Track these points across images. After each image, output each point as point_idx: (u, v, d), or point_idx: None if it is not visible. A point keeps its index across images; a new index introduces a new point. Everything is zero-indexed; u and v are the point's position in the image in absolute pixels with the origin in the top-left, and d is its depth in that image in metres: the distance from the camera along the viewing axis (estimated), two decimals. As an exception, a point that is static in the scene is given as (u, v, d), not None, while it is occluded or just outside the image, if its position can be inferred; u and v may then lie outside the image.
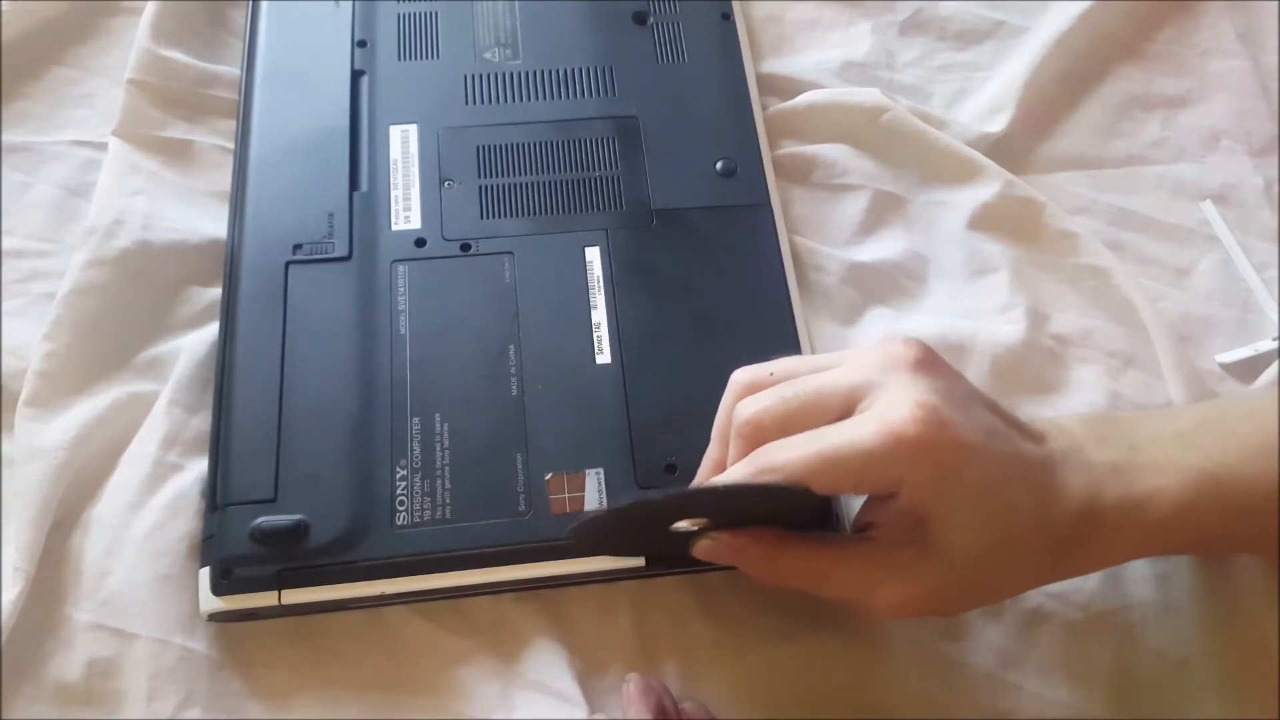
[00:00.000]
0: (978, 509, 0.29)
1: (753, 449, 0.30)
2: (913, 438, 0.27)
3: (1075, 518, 0.30)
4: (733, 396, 0.32)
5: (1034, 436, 0.31)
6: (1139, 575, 0.38)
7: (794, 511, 0.31)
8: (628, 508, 0.31)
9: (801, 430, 0.29)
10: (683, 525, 0.31)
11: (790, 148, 0.47)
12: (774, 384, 0.31)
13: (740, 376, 0.33)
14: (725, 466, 0.32)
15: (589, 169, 0.43)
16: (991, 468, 0.29)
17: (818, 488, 0.28)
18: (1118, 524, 0.30)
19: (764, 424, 0.30)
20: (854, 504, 0.34)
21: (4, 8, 0.47)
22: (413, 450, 0.36)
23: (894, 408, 0.28)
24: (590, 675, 0.35)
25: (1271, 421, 0.31)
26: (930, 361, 0.30)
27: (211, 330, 0.40)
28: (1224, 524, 0.31)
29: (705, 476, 0.33)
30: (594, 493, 0.36)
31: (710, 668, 0.36)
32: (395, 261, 0.40)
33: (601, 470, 0.36)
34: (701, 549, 0.32)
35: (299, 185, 0.42)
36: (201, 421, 0.39)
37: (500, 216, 0.42)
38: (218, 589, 0.34)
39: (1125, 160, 0.48)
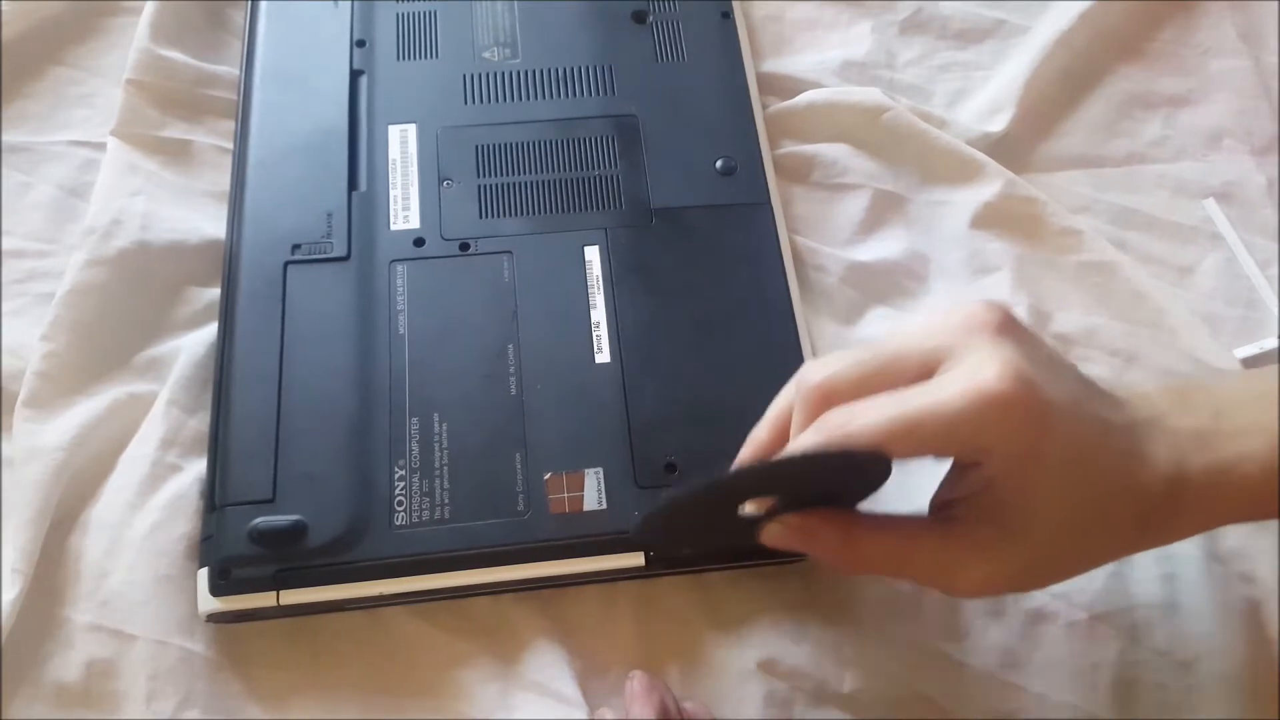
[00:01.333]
0: (1066, 475, 0.28)
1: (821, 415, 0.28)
2: (1003, 399, 0.26)
3: (1163, 486, 0.29)
4: (797, 378, 0.30)
5: (1117, 403, 0.30)
6: (1143, 575, 0.38)
7: (863, 484, 0.29)
8: (696, 491, 0.28)
9: (876, 394, 0.28)
10: (750, 509, 0.30)
11: (790, 147, 0.47)
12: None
13: (812, 361, 0.30)
14: (770, 449, 0.30)
15: (588, 168, 0.43)
16: (1080, 433, 0.28)
17: (897, 453, 0.27)
18: (1205, 491, 0.29)
19: (836, 388, 0.28)
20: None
21: (4, 8, 0.47)
22: (411, 450, 0.36)
23: (982, 368, 0.26)
24: (590, 676, 0.35)
25: None
26: (1013, 325, 0.29)
27: (210, 330, 0.40)
28: None
29: (746, 460, 0.31)
30: (593, 492, 0.36)
31: (710, 668, 0.36)
32: (394, 261, 0.40)
33: (601, 470, 0.36)
34: (770, 534, 0.30)
35: (298, 185, 0.42)
36: (200, 422, 0.38)
37: (499, 216, 0.42)
38: (216, 590, 0.34)
39: (1127, 159, 0.48)
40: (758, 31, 0.50)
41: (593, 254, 0.41)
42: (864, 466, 0.27)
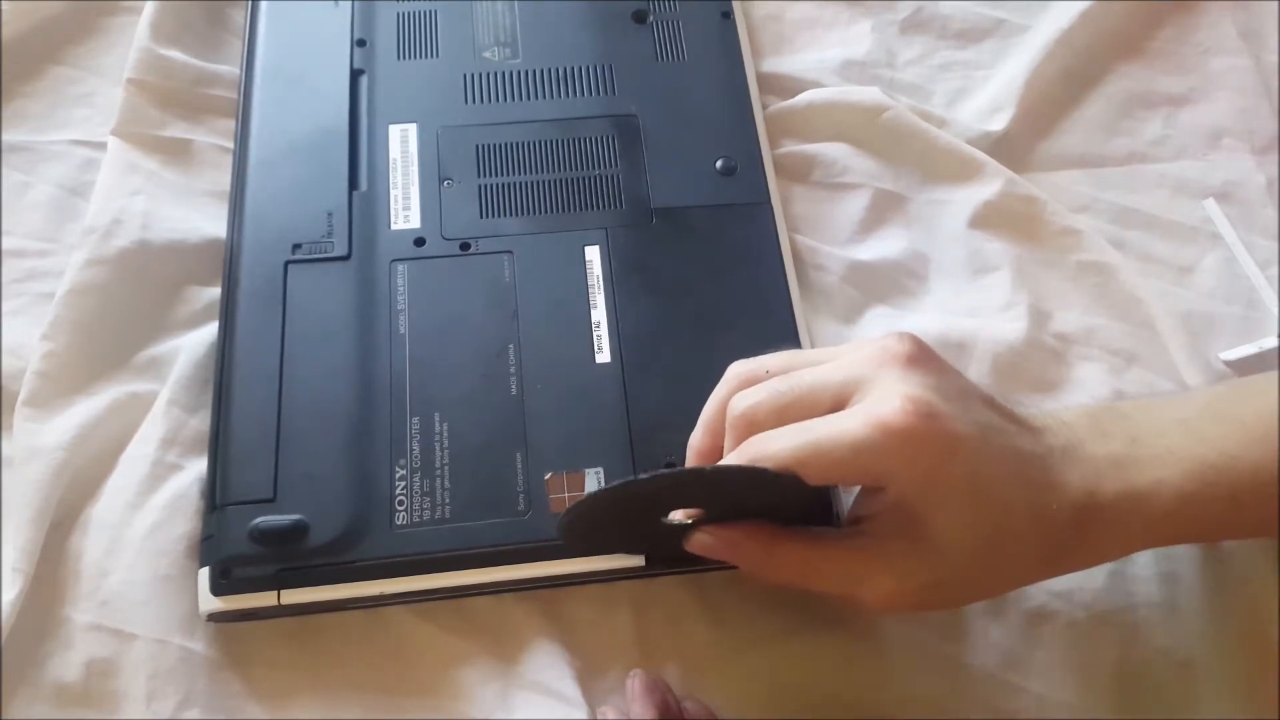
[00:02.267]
0: (968, 504, 0.29)
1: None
2: (900, 430, 0.28)
3: (1073, 512, 0.30)
4: (727, 388, 0.33)
5: (1032, 431, 0.31)
6: (1143, 574, 0.38)
7: (789, 504, 0.31)
8: (614, 490, 0.30)
9: (794, 423, 0.30)
10: (677, 517, 0.31)
11: (790, 146, 0.47)
12: (769, 378, 0.31)
13: (736, 369, 0.33)
14: (709, 455, 0.32)
15: (589, 168, 0.43)
16: (984, 462, 0.29)
17: (807, 478, 0.28)
18: (1118, 517, 0.30)
19: (757, 417, 0.30)
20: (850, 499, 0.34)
21: (4, 7, 0.47)
22: (412, 450, 0.36)
23: (883, 401, 0.28)
24: (590, 676, 0.35)
25: (1273, 408, 0.31)
26: (923, 357, 0.30)
27: (211, 330, 0.40)
28: (1226, 513, 0.31)
29: (690, 465, 0.33)
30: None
31: (710, 668, 0.36)
32: (395, 261, 0.40)
33: (601, 469, 0.36)
34: (696, 543, 0.32)
35: (298, 185, 0.42)
36: (201, 421, 0.38)
37: (500, 216, 0.42)
38: (217, 589, 0.34)
39: (1127, 158, 0.48)
40: (758, 31, 0.50)
41: (593, 254, 0.41)
42: (782, 486, 0.29)
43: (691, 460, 0.33)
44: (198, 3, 0.48)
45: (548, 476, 0.36)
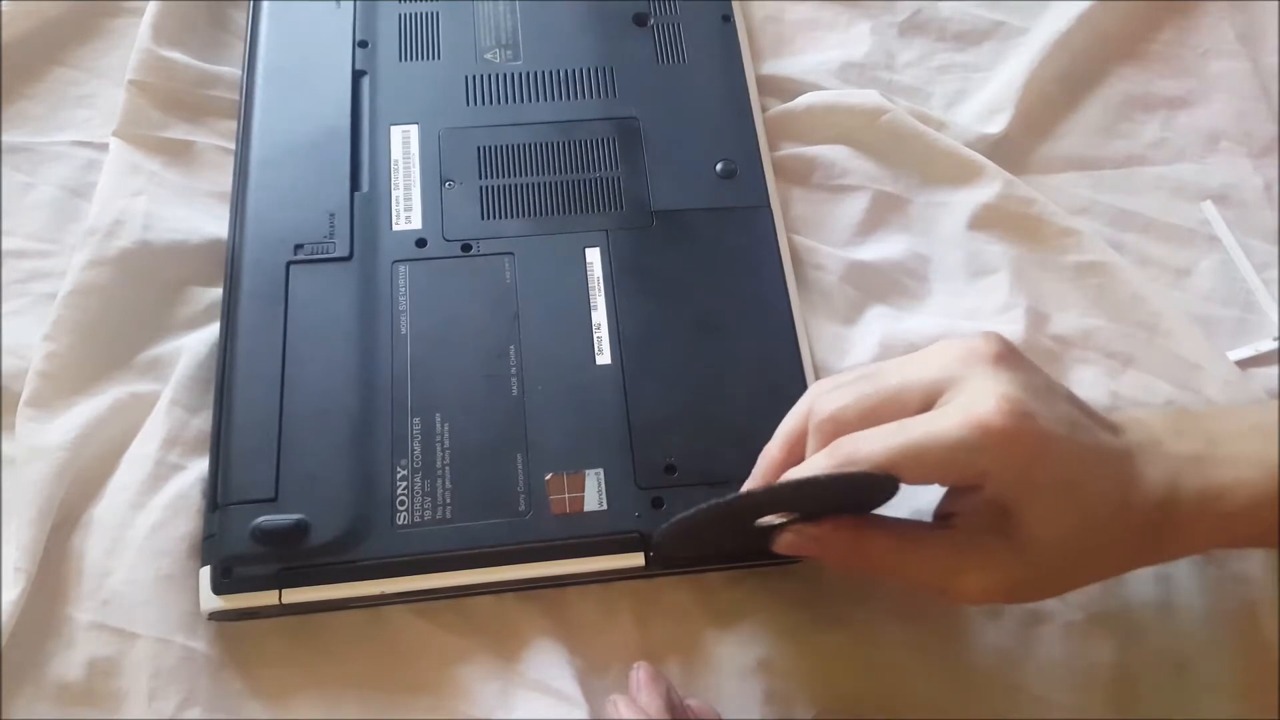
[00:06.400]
0: (1061, 500, 0.29)
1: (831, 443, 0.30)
2: (998, 430, 0.28)
3: (1155, 508, 0.30)
4: (806, 403, 0.32)
5: (1112, 428, 0.31)
6: (1140, 575, 0.38)
7: (872, 502, 0.31)
8: (729, 502, 0.30)
9: (881, 424, 0.29)
10: (768, 520, 0.32)
11: (790, 149, 0.47)
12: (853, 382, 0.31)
13: (820, 384, 0.32)
14: (783, 467, 0.32)
15: (589, 170, 0.43)
16: (1074, 459, 0.29)
17: (904, 478, 0.29)
18: (1196, 514, 0.30)
19: (844, 418, 0.30)
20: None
21: (4, 8, 0.47)
22: (413, 450, 0.36)
23: (979, 401, 0.28)
24: (591, 675, 0.35)
25: None
26: (1010, 355, 0.30)
27: (212, 330, 0.40)
28: None
29: (762, 477, 0.33)
30: (594, 493, 0.36)
31: (710, 667, 0.36)
32: (396, 262, 0.40)
33: (601, 470, 0.36)
34: (784, 543, 0.32)
35: (300, 185, 0.42)
36: (203, 421, 0.39)
37: (501, 217, 0.42)
38: (218, 588, 0.34)
39: (1125, 161, 0.48)
40: (758, 33, 0.50)
41: (594, 255, 0.41)
42: (872, 486, 0.29)
43: (762, 468, 0.33)
44: (199, 4, 0.48)
45: (548, 477, 0.36)
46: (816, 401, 0.31)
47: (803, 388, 0.37)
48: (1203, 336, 0.42)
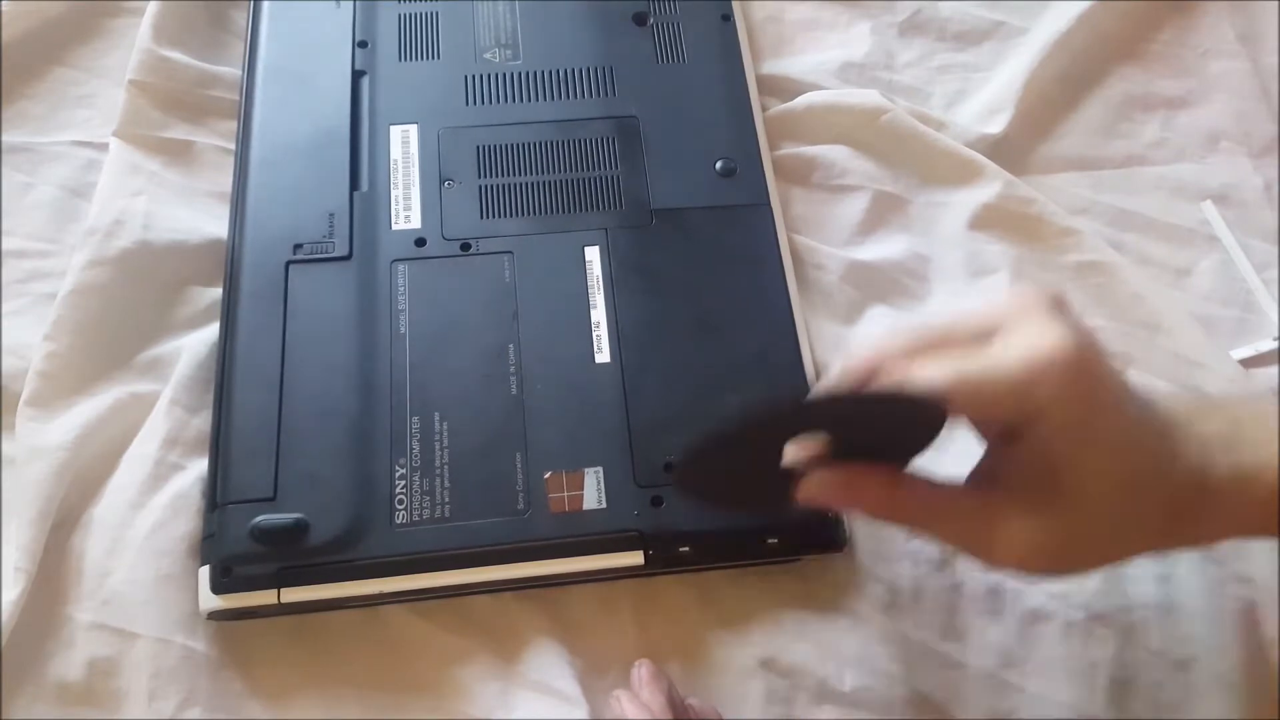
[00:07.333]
0: (1115, 451, 0.28)
1: None
2: (1062, 363, 0.27)
3: (1192, 484, 0.29)
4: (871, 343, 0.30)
5: (1148, 402, 0.30)
6: (1139, 575, 0.38)
7: (912, 441, 0.29)
8: (749, 415, 0.28)
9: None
10: (793, 455, 0.29)
11: (790, 149, 0.47)
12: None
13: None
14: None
15: (589, 169, 0.43)
16: (1129, 414, 0.28)
17: (954, 407, 0.27)
18: (1231, 495, 0.29)
19: (894, 353, 0.29)
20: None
21: (4, 8, 0.47)
22: (412, 449, 0.36)
23: (1044, 335, 0.27)
24: (591, 674, 0.35)
25: None
26: (1067, 307, 0.29)
27: (212, 330, 0.40)
28: None
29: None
30: (593, 491, 0.36)
31: (711, 665, 0.36)
32: (395, 261, 0.40)
33: (600, 469, 0.36)
34: (808, 488, 0.29)
35: (299, 185, 0.42)
36: (202, 421, 0.39)
37: (500, 216, 0.42)
38: (217, 587, 0.34)
39: (1125, 161, 0.48)
40: (758, 32, 0.50)
41: (593, 254, 0.41)
42: (918, 419, 0.28)
43: (829, 383, 0.30)
44: (199, 4, 0.49)
45: (547, 476, 0.36)
46: (873, 348, 0.29)
47: (803, 387, 0.37)
48: (1203, 335, 0.42)
